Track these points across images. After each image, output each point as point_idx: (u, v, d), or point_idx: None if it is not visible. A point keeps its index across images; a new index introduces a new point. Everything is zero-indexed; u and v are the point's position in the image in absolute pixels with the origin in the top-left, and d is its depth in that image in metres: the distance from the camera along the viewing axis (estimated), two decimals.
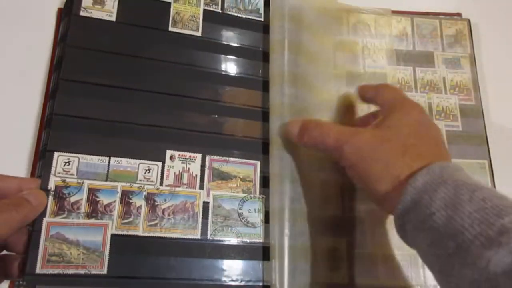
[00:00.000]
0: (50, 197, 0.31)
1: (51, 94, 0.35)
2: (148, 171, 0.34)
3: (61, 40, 0.37)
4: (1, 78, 0.38)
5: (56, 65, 0.36)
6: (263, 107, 0.38)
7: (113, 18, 0.36)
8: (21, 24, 0.40)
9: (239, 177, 0.36)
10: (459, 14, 0.45)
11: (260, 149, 0.37)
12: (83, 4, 0.36)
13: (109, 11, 0.36)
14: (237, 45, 0.39)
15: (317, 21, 0.41)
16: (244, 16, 0.40)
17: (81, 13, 0.36)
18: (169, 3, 0.38)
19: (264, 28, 0.40)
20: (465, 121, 0.41)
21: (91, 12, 0.36)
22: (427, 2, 0.46)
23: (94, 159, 0.32)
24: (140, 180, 0.33)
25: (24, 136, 0.36)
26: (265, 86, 0.38)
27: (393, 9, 0.45)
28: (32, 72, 0.38)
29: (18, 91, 0.37)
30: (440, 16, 0.45)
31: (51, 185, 0.31)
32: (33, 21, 0.40)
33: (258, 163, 0.36)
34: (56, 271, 0.29)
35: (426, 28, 0.44)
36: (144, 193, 0.33)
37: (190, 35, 0.38)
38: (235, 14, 0.40)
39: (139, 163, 0.33)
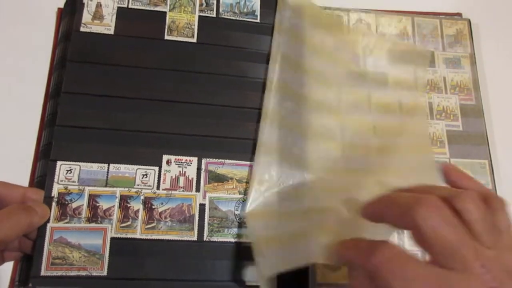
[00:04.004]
0: (54, 204, 0.32)
1: (51, 94, 0.37)
2: (145, 176, 0.35)
3: (61, 40, 0.38)
4: (1, 78, 0.39)
5: (56, 66, 0.37)
6: (259, 108, 0.38)
7: (112, 32, 0.38)
8: (21, 24, 0.41)
9: (235, 179, 0.36)
10: (459, 14, 0.45)
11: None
12: (83, 20, 0.38)
13: (107, 25, 0.38)
14: (233, 48, 0.39)
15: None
16: (240, 19, 0.41)
17: (81, 29, 0.37)
18: (165, 13, 0.39)
19: (261, 29, 0.40)
20: (466, 120, 0.41)
21: (91, 28, 0.38)
22: (427, 2, 0.45)
23: (94, 166, 0.34)
24: (138, 185, 0.34)
25: (24, 135, 0.36)
26: (262, 87, 0.39)
27: (394, 9, 0.45)
28: (33, 72, 0.38)
29: (19, 91, 0.38)
30: (441, 16, 0.44)
31: (55, 193, 0.33)
32: (33, 21, 0.40)
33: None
34: (59, 273, 0.31)
35: (426, 28, 0.44)
36: (142, 197, 0.34)
37: (186, 42, 0.39)
38: (231, 17, 0.40)
39: (137, 169, 0.35)
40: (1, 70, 0.39)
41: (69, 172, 0.33)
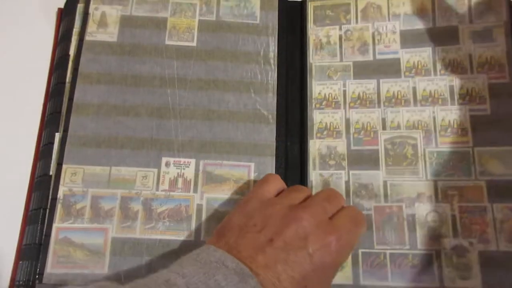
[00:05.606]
0: (59, 205, 0.35)
1: (51, 94, 0.38)
2: (145, 178, 0.36)
3: (61, 40, 0.40)
4: (1, 78, 0.39)
5: (56, 66, 0.39)
6: (257, 109, 0.38)
7: (115, 39, 0.39)
8: (21, 24, 0.41)
9: (232, 180, 0.36)
10: None
11: (254, 151, 0.37)
12: (88, 30, 0.39)
13: (111, 33, 0.40)
14: (233, 50, 0.39)
15: None
16: (239, 21, 0.40)
17: (87, 38, 0.39)
18: (166, 18, 0.40)
19: (260, 30, 0.40)
20: (496, 103, 0.35)
21: (96, 36, 0.39)
22: None
23: (97, 169, 0.36)
24: (138, 187, 0.36)
25: (24, 135, 0.37)
26: (260, 89, 0.38)
27: None
28: (33, 72, 0.39)
29: (19, 91, 0.39)
30: None
31: (60, 194, 0.35)
32: (33, 21, 0.41)
33: (252, 165, 0.36)
34: (64, 271, 0.33)
35: None
36: (141, 198, 0.36)
37: (186, 46, 0.39)
38: (231, 20, 0.40)
39: (137, 171, 0.36)
40: (1, 70, 0.39)
41: (74, 175, 0.36)
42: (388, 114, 0.37)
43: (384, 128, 0.36)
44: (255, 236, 0.27)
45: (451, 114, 0.35)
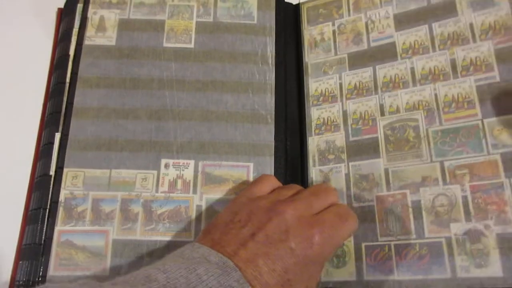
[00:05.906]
0: (61, 208, 0.35)
1: (51, 94, 0.39)
2: (144, 180, 0.36)
3: (61, 40, 0.40)
4: (1, 78, 0.39)
5: (56, 65, 0.40)
6: (255, 109, 0.38)
7: (113, 43, 0.40)
8: (21, 24, 0.41)
9: (231, 180, 0.36)
10: None
11: (253, 152, 0.37)
12: (87, 34, 0.41)
13: (109, 36, 0.41)
14: (230, 51, 0.40)
15: None
16: (236, 22, 0.41)
17: (86, 42, 0.40)
18: (164, 21, 0.41)
19: (258, 30, 0.40)
20: (505, 68, 0.32)
21: (94, 40, 0.40)
22: None
23: (97, 172, 0.36)
24: (138, 189, 0.36)
25: (24, 135, 0.37)
26: (258, 89, 0.38)
27: None
28: (33, 72, 0.39)
29: (19, 91, 0.39)
30: None
31: (62, 198, 0.36)
32: (33, 21, 0.41)
33: (251, 165, 0.36)
34: (66, 273, 0.33)
35: None
36: (141, 200, 0.36)
37: (183, 47, 0.40)
38: (228, 21, 0.41)
39: (137, 173, 0.36)
40: (1, 70, 0.39)
41: (75, 178, 0.36)
42: (386, 99, 0.35)
43: (382, 114, 0.34)
44: (238, 231, 0.27)
45: (455, 88, 0.33)
